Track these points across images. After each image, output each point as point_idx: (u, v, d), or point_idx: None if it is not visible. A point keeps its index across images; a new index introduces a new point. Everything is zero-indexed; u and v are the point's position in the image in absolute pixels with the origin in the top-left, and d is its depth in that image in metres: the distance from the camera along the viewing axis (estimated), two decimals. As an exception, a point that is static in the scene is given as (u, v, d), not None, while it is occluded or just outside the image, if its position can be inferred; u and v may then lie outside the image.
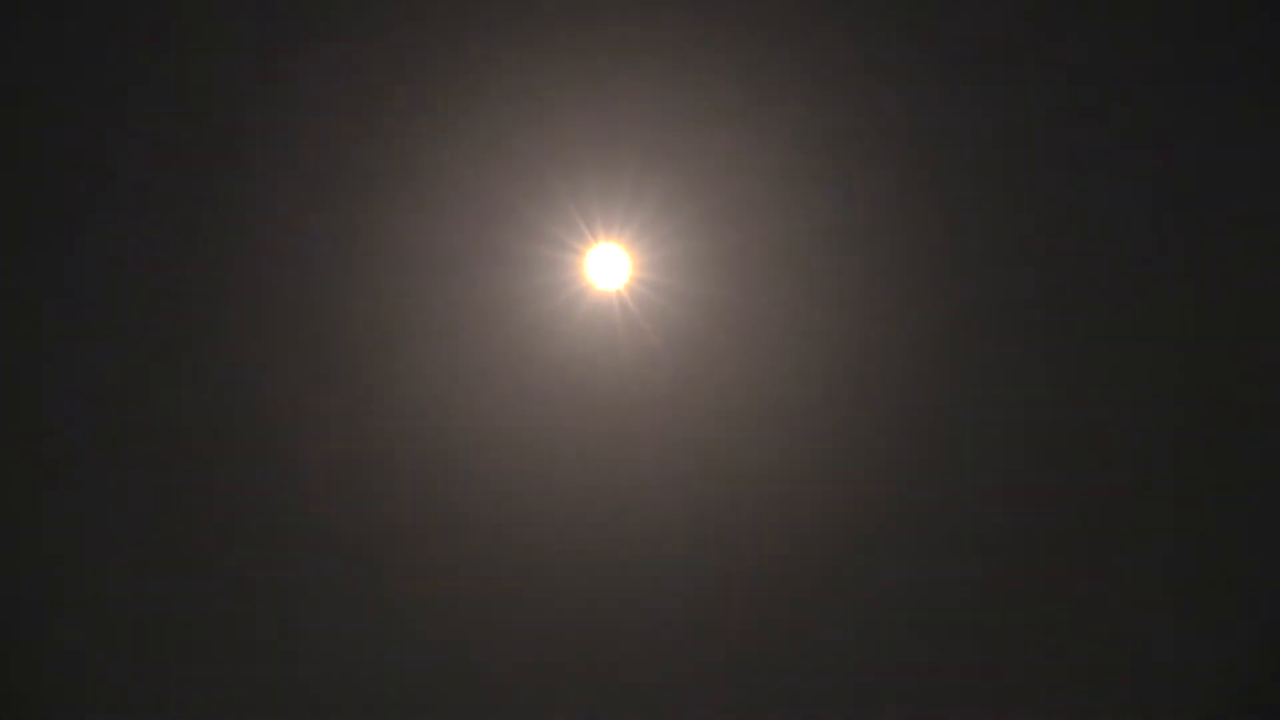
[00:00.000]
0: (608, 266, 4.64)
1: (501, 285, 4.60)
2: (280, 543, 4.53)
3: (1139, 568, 4.48)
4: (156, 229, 4.49)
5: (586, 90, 4.75)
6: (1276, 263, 4.55)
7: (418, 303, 4.62)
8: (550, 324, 4.59)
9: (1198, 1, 4.71)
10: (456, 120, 4.72)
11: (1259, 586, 4.38)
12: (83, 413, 4.50)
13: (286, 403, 4.64)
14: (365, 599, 4.52)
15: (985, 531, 4.63)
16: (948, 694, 4.56)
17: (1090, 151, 4.68)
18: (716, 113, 4.76)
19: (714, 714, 4.56)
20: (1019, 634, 4.55)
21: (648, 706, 4.48)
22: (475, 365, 4.63)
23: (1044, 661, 4.51)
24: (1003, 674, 4.54)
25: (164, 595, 4.54)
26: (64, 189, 4.62)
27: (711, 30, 4.77)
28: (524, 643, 4.58)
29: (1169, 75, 4.61)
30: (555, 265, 4.63)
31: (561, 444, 4.67)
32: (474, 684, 4.55)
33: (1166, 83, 4.60)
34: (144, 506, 4.49)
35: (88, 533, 4.48)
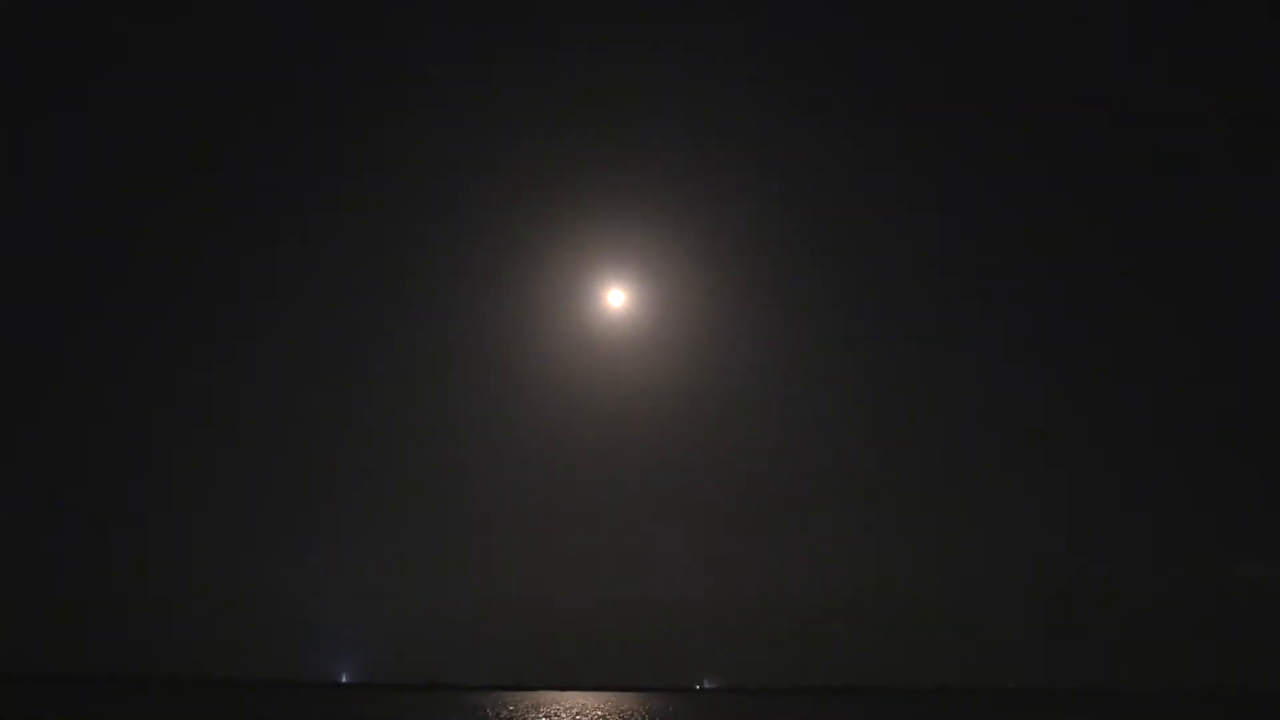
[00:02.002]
0: (615, 295, 9.88)
1: (551, 305, 10.19)
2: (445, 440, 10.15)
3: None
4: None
5: (607, 189, 9.80)
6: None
7: (508, 316, 9.88)
8: (580, 327, 10.36)
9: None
10: (528, 205, 9.69)
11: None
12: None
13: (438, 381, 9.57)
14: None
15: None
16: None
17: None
18: (698, 208, 10.32)
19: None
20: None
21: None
22: (538, 349, 10.30)
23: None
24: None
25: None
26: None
27: (697, 154, 9.99)
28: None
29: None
30: (584, 294, 10.24)
31: (584, 390, 10.55)
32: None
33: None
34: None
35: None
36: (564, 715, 55.65)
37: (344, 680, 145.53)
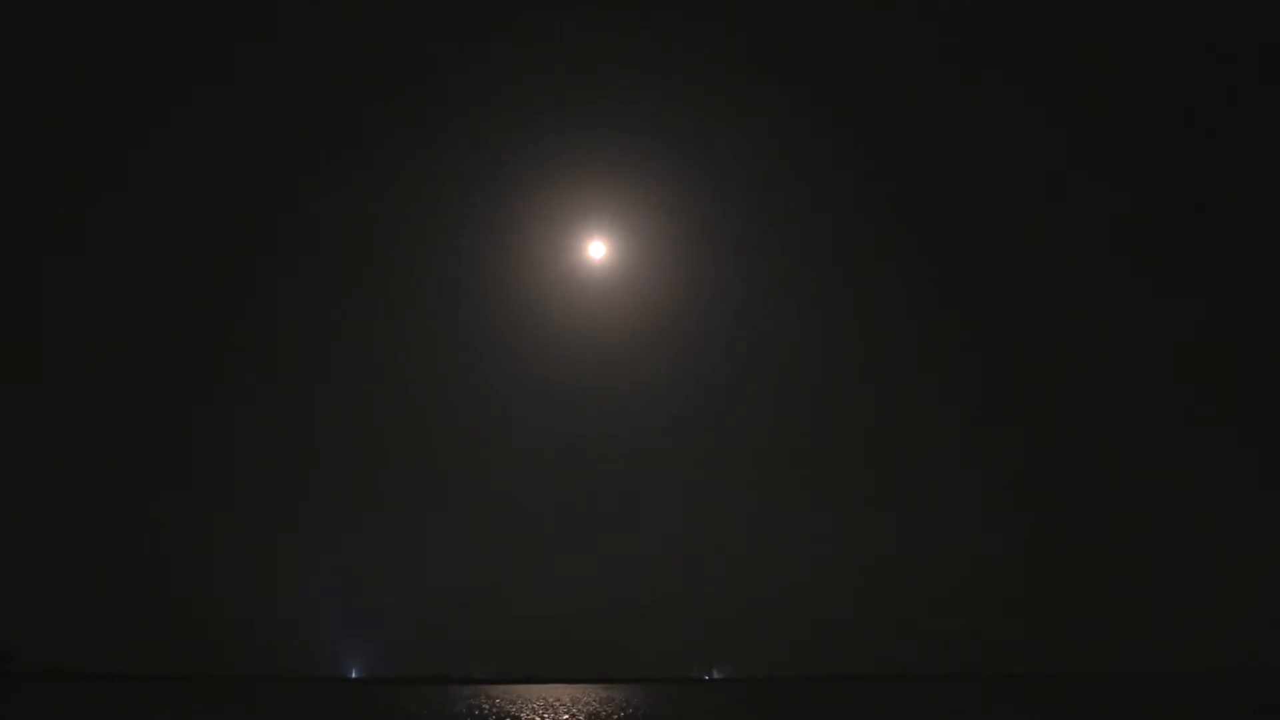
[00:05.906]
0: (597, 246, 11.86)
1: (541, 253, 20.38)
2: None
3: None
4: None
5: (597, 154, 20.53)
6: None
7: (499, 261, 28.14)
8: (565, 275, 12.39)
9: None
10: (526, 169, 17.13)
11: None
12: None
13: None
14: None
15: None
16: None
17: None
18: (673, 166, 14.86)
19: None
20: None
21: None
22: (528, 295, 23.23)
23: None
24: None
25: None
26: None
27: (676, 116, 35.19)
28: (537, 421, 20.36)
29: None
30: (569, 244, 19.41)
31: (565, 331, 15.26)
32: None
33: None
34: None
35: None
36: (570, 710, 55.11)
37: (354, 675, 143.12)
